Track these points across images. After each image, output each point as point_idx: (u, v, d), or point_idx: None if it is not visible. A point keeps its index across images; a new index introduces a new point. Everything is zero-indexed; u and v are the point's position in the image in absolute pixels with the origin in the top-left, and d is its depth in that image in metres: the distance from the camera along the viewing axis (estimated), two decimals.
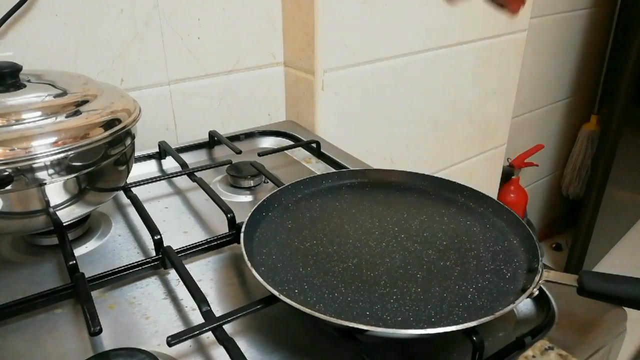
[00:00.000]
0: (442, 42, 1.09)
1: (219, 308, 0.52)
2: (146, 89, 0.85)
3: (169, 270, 0.57)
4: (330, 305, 0.46)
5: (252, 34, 0.93)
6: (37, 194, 0.51)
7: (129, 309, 0.52)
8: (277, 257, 0.53)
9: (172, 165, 0.81)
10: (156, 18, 0.82)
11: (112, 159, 0.56)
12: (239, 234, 0.59)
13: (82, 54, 0.77)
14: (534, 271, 0.48)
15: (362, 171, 0.69)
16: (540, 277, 0.47)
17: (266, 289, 0.45)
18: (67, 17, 0.74)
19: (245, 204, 0.72)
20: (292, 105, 1.01)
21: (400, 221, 0.60)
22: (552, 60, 1.69)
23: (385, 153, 1.10)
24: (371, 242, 0.56)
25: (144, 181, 0.70)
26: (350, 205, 0.63)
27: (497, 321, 0.45)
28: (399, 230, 0.58)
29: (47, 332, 0.49)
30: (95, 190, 0.57)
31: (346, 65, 0.95)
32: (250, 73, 0.95)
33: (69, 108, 0.53)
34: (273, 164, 0.82)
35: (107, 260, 0.59)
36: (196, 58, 0.88)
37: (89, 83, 0.60)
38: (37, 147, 0.49)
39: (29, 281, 0.56)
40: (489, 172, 1.43)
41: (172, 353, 0.46)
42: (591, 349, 0.49)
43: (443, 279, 0.50)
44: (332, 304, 0.47)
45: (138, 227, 0.65)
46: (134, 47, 0.81)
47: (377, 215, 0.61)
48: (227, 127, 0.95)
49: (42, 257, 0.60)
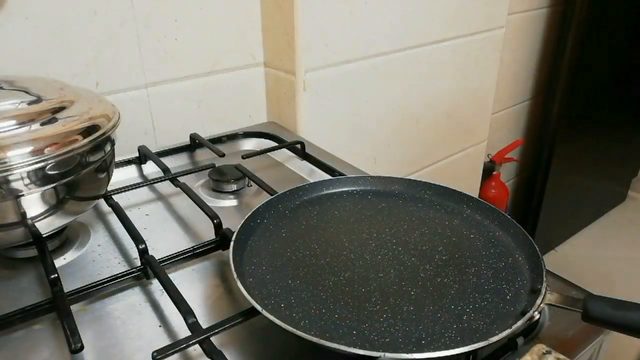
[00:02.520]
0: (422, 40, 1.09)
1: (205, 319, 0.50)
2: (123, 92, 0.83)
3: (152, 281, 0.55)
4: (316, 322, 0.45)
5: (231, 35, 0.91)
6: (14, 206, 0.49)
7: (111, 323, 0.50)
8: (267, 267, 0.52)
9: (152, 170, 0.79)
10: (131, 19, 0.79)
11: (92, 167, 0.54)
12: (225, 240, 0.58)
13: (54, 58, 0.75)
14: (536, 293, 0.46)
15: (364, 178, 0.67)
16: (542, 300, 0.44)
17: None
18: (38, 19, 0.72)
19: (229, 209, 0.70)
20: (274, 106, 0.99)
21: (399, 233, 0.58)
22: (529, 56, 1.71)
23: (368, 152, 1.10)
24: (366, 255, 0.54)
25: (125, 188, 0.68)
26: (349, 214, 0.61)
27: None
28: (396, 243, 0.56)
29: (26, 350, 0.47)
30: (75, 199, 0.55)
31: (327, 64, 0.94)
32: (230, 74, 0.94)
33: (45, 115, 0.51)
34: (256, 165, 0.81)
35: (86, 271, 0.57)
36: (174, 60, 0.86)
37: (65, 88, 0.57)
38: (12, 157, 0.47)
39: (4, 297, 0.53)
40: (471, 169, 1.43)
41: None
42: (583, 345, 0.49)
43: (439, 297, 0.48)
44: (318, 321, 0.45)
45: (118, 236, 0.63)
46: (108, 50, 0.79)
47: (375, 225, 0.59)
48: (208, 129, 0.94)
49: (18, 270, 0.57)
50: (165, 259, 0.56)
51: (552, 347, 0.43)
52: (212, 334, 0.45)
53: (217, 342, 0.45)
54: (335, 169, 0.76)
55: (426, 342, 0.43)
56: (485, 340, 0.40)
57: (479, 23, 1.20)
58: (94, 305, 0.52)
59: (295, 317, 0.45)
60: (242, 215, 0.58)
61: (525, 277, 0.50)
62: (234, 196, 0.73)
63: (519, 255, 0.53)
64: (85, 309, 0.52)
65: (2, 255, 0.59)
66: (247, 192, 0.74)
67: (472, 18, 1.18)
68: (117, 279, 0.54)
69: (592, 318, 0.43)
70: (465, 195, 0.62)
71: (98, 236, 0.64)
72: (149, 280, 0.55)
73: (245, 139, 0.91)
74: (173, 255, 0.57)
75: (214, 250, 0.59)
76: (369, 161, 1.11)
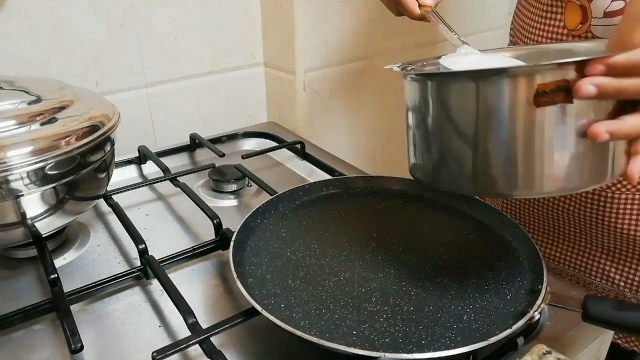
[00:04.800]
0: (422, 40, 1.08)
1: (205, 319, 0.50)
2: (123, 92, 0.82)
3: (151, 281, 0.55)
4: (316, 322, 0.45)
5: (230, 34, 0.91)
6: (13, 206, 0.49)
7: (111, 323, 0.50)
8: (267, 267, 0.52)
9: (152, 170, 0.79)
10: (131, 19, 0.79)
11: (92, 167, 0.54)
12: (224, 240, 0.58)
13: (54, 58, 0.75)
14: (536, 293, 0.46)
15: (364, 178, 0.67)
16: (542, 300, 0.44)
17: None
18: (38, 19, 0.71)
19: (229, 209, 0.70)
20: (274, 106, 0.99)
21: (399, 233, 0.58)
22: None
23: (368, 152, 1.10)
24: (366, 255, 0.54)
25: (125, 188, 0.68)
26: (349, 215, 0.61)
27: None
28: (397, 243, 0.56)
29: (26, 350, 0.47)
30: (75, 199, 0.55)
31: (327, 64, 0.94)
32: (230, 74, 0.94)
33: (45, 115, 0.51)
34: (256, 166, 0.80)
35: (86, 271, 0.57)
36: (174, 60, 0.86)
37: (65, 88, 0.57)
38: (12, 157, 0.47)
39: (4, 297, 0.53)
40: None
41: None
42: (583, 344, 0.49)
43: (438, 297, 0.48)
44: (318, 321, 0.45)
45: (118, 236, 0.63)
46: (108, 50, 0.79)
47: (375, 225, 0.59)
48: (208, 129, 0.93)
49: (18, 270, 0.57)
50: (165, 259, 0.56)
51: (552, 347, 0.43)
52: (212, 334, 0.44)
53: (217, 342, 0.45)
54: (335, 169, 0.75)
55: (426, 342, 0.43)
56: (485, 340, 0.40)
57: (478, 23, 1.20)
58: (94, 305, 0.52)
59: (295, 317, 0.45)
60: (242, 215, 0.58)
61: (525, 277, 0.50)
62: (234, 196, 0.73)
63: (519, 255, 0.53)
64: (85, 309, 0.52)
65: (2, 255, 0.59)
66: (247, 192, 0.74)
67: (473, 18, 1.18)
68: (117, 279, 0.54)
69: (592, 318, 0.42)
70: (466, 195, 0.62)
71: (98, 236, 0.64)
72: (148, 280, 0.55)
73: (245, 139, 0.91)
74: (173, 255, 0.57)
75: (214, 250, 0.59)
76: (368, 161, 1.10)
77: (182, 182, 0.69)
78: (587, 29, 0.57)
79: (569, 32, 0.59)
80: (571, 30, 0.59)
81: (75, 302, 0.51)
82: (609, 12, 0.55)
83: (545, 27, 0.62)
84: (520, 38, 0.68)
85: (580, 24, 0.57)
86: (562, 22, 0.60)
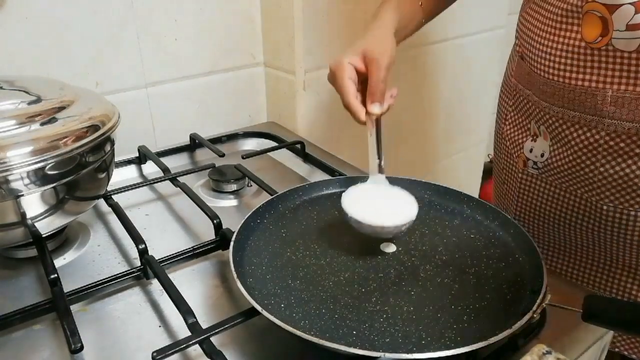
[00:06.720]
0: (422, 40, 1.08)
1: (205, 319, 0.50)
2: (123, 92, 0.82)
3: (151, 281, 0.55)
4: (316, 323, 0.45)
5: (230, 34, 0.91)
6: (13, 206, 0.49)
7: (111, 323, 0.50)
8: (268, 267, 0.52)
9: (152, 170, 0.79)
10: (131, 19, 0.79)
11: (92, 167, 0.54)
12: (224, 240, 0.58)
13: (54, 58, 0.75)
14: (536, 293, 0.46)
15: (364, 178, 0.66)
16: (542, 300, 0.44)
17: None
18: (38, 19, 0.71)
19: (229, 209, 0.70)
20: (273, 106, 0.99)
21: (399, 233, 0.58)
22: None
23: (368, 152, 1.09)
24: (366, 255, 0.54)
25: (125, 188, 0.68)
26: None
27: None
28: (396, 243, 0.56)
29: (26, 350, 0.47)
30: (75, 199, 0.55)
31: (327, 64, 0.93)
32: (230, 74, 0.94)
33: (45, 115, 0.51)
34: (256, 166, 0.80)
35: (86, 271, 0.57)
36: (174, 59, 0.86)
37: (65, 88, 0.57)
38: (12, 157, 0.47)
39: (4, 297, 0.53)
40: (471, 169, 1.43)
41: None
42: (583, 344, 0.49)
43: (439, 297, 0.48)
44: (318, 321, 0.45)
45: (118, 236, 0.63)
46: (108, 50, 0.79)
47: None
48: (208, 129, 0.93)
49: (18, 270, 0.57)
50: (165, 259, 0.56)
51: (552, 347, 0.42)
52: (212, 334, 0.44)
53: (217, 342, 0.45)
54: (335, 169, 0.75)
55: (426, 342, 0.43)
56: (485, 340, 0.40)
57: (479, 23, 1.20)
58: (94, 305, 0.52)
59: (295, 317, 0.45)
60: (242, 215, 0.58)
61: (525, 277, 0.50)
62: (234, 196, 0.73)
63: (519, 255, 0.53)
64: (85, 309, 0.52)
65: (2, 255, 0.59)
66: (247, 192, 0.74)
67: (472, 18, 1.18)
68: (117, 279, 0.54)
69: (592, 318, 0.42)
70: (465, 195, 0.62)
71: (98, 236, 0.64)
72: (148, 280, 0.55)
73: (245, 139, 0.91)
74: (173, 255, 0.57)
75: (214, 250, 0.59)
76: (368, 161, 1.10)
77: (182, 182, 0.69)
78: (608, 42, 0.54)
79: (587, 45, 0.55)
80: (589, 43, 0.55)
81: (75, 302, 0.51)
82: (631, 25, 0.52)
83: (559, 39, 0.58)
84: (530, 49, 0.64)
85: (600, 37, 0.54)
86: (579, 33, 0.56)
